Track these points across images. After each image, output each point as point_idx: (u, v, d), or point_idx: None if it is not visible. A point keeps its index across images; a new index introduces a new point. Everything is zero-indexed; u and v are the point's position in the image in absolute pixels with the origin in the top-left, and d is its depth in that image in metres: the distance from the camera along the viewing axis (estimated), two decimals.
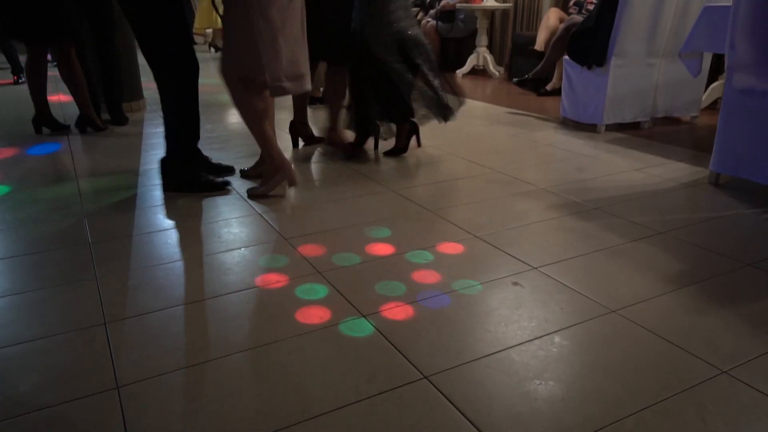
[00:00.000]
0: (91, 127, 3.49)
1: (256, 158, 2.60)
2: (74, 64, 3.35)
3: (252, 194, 2.33)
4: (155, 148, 3.11)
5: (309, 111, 3.26)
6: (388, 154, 2.92)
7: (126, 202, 2.30)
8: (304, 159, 2.94)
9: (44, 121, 3.46)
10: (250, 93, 2.19)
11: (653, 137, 3.29)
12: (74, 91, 3.42)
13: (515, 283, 1.61)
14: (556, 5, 5.28)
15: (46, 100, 3.44)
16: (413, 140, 2.98)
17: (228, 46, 2.16)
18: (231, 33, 2.12)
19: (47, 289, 1.60)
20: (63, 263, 1.76)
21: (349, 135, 3.01)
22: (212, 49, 8.11)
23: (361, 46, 2.68)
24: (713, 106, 3.91)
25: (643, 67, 3.36)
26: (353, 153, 2.90)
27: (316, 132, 3.18)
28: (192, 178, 2.38)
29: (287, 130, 3.12)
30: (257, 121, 2.25)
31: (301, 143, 3.14)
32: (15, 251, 1.85)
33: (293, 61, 2.15)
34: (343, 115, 2.97)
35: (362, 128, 2.92)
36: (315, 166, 2.82)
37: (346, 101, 2.95)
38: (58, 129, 3.49)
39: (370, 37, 2.66)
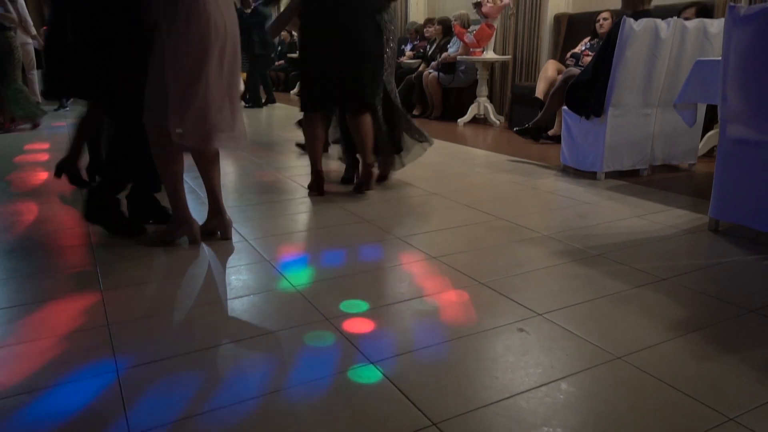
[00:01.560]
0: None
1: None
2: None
3: (152, 239, 2.39)
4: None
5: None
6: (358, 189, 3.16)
7: (137, 248, 2.34)
8: (313, 204, 2.99)
9: (69, 169, 3.48)
10: (169, 150, 2.20)
11: (653, 184, 3.36)
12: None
13: (521, 330, 1.63)
14: (553, 57, 5.47)
15: (80, 152, 3.48)
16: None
17: (146, 94, 2.17)
18: (149, 80, 2.14)
19: (60, 335, 1.62)
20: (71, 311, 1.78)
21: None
22: None
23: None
24: (710, 154, 3.99)
25: (640, 117, 3.46)
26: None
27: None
28: (111, 216, 2.47)
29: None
30: (172, 180, 2.28)
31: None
32: (20, 300, 1.88)
33: (205, 115, 2.13)
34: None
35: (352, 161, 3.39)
36: (321, 212, 2.87)
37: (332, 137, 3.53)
38: (79, 183, 3.50)
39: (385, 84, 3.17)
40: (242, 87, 8.28)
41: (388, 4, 3.09)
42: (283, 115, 7.25)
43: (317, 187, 3.14)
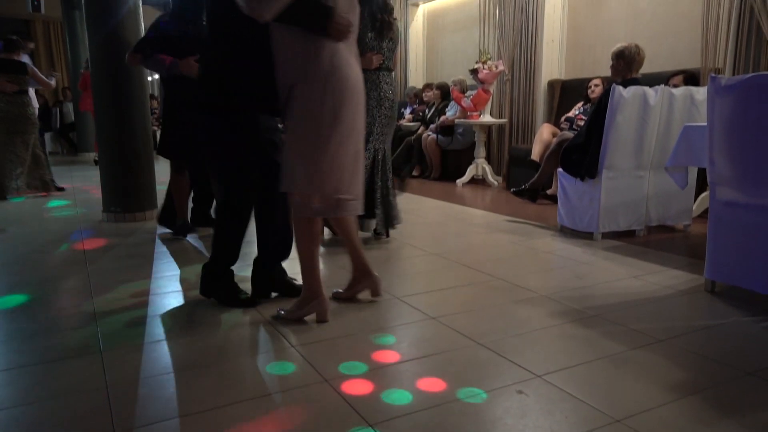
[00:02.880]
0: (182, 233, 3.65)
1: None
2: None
3: (281, 317, 2.24)
4: (166, 256, 3.22)
5: None
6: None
7: (138, 310, 2.36)
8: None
9: (187, 226, 3.67)
10: (308, 218, 2.14)
11: (649, 245, 3.40)
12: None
13: (519, 392, 1.63)
14: (548, 121, 5.64)
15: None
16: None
17: (286, 162, 2.09)
18: (288, 147, 2.09)
19: (59, 398, 1.62)
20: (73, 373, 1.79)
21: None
22: None
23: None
24: (704, 215, 4.05)
25: (633, 179, 3.55)
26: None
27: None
28: (227, 291, 2.39)
29: None
30: (307, 244, 2.17)
31: None
32: (27, 361, 1.89)
33: (341, 179, 2.08)
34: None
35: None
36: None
37: None
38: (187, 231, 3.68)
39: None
40: None
41: None
42: None
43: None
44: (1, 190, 5.25)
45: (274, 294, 2.46)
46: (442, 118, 6.50)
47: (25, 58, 5.51)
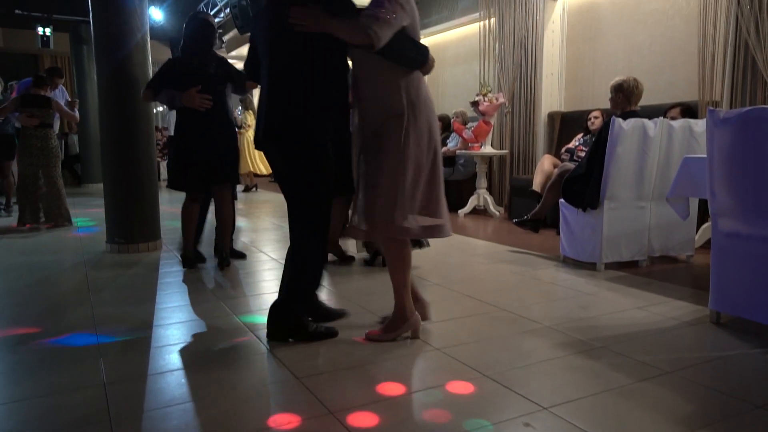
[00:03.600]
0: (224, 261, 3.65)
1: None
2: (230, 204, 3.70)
3: (371, 338, 2.30)
4: (170, 287, 3.23)
5: None
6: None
7: (142, 342, 2.35)
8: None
9: (195, 257, 3.71)
10: (403, 242, 2.24)
11: (652, 275, 3.40)
12: (226, 229, 3.69)
13: (527, 425, 1.61)
14: (549, 152, 5.70)
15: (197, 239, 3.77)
16: None
17: (374, 193, 2.16)
18: (391, 178, 2.13)
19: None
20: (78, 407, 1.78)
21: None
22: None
23: None
24: (707, 246, 4.06)
25: (635, 209, 3.57)
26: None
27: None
28: (301, 328, 2.29)
29: None
30: (403, 273, 2.27)
31: None
32: (29, 394, 1.88)
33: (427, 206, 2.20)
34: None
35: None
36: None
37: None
38: (200, 262, 3.74)
39: None
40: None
41: None
42: None
43: None
44: (21, 219, 5.33)
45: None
46: (444, 149, 6.57)
47: (59, 92, 5.60)
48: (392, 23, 2.05)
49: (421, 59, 2.20)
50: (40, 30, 9.80)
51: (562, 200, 3.75)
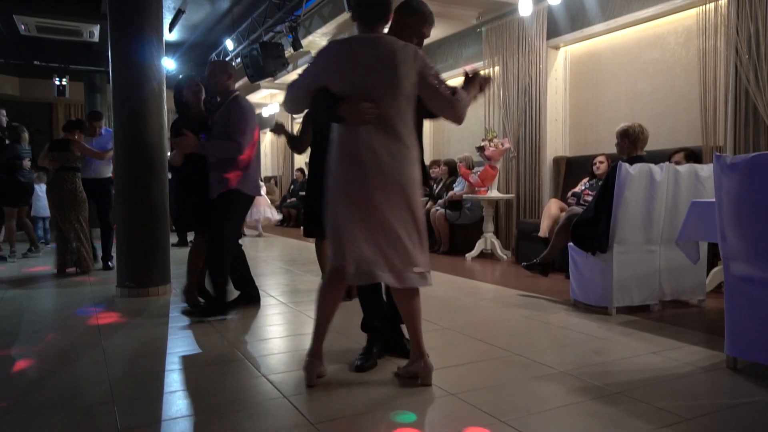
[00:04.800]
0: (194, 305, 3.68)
1: None
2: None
3: (397, 373, 2.39)
4: (180, 332, 3.22)
5: None
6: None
7: (154, 387, 2.33)
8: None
9: (195, 297, 3.73)
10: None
11: (664, 320, 3.37)
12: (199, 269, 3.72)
13: None
14: (554, 196, 5.76)
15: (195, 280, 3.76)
16: None
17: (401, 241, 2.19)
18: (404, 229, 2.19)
19: None
20: None
21: None
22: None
23: None
24: (718, 290, 4.04)
25: (644, 253, 3.58)
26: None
27: None
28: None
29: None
30: (415, 318, 2.29)
31: None
32: None
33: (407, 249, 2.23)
34: None
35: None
36: (337, 347, 2.87)
37: None
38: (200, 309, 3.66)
39: None
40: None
41: None
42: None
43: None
44: (61, 267, 5.33)
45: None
46: (450, 193, 6.64)
47: (106, 135, 5.62)
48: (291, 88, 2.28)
49: (329, 113, 2.20)
50: (56, 80, 10.08)
51: (571, 244, 3.77)
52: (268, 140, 13.57)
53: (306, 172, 9.80)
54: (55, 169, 5.33)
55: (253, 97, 11.03)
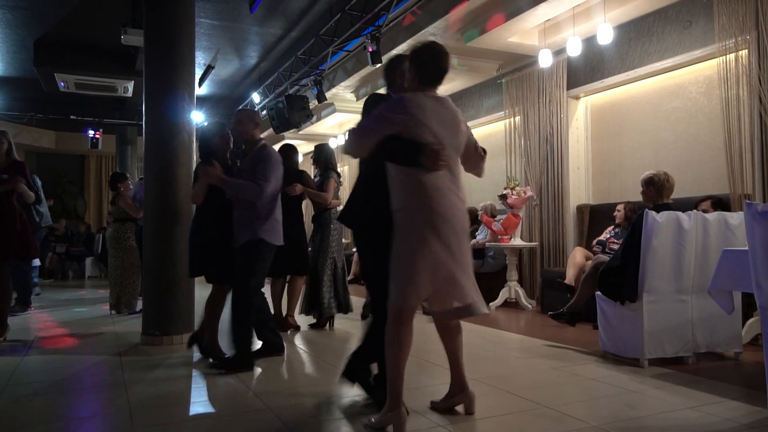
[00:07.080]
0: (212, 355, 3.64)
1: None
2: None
3: (368, 425, 2.38)
4: (204, 380, 3.20)
5: None
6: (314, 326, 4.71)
7: None
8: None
9: (203, 342, 3.71)
10: (404, 323, 2.32)
11: (700, 373, 3.24)
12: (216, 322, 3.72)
13: None
14: (579, 244, 5.69)
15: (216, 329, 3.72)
16: None
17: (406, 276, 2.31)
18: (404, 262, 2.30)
19: None
20: None
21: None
22: None
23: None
24: (755, 342, 3.89)
25: (676, 303, 3.48)
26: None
27: None
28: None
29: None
30: (399, 354, 2.30)
31: None
32: None
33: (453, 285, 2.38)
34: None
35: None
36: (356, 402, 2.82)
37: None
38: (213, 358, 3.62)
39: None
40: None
41: None
42: None
43: None
44: (128, 305, 5.88)
45: None
46: (473, 241, 6.61)
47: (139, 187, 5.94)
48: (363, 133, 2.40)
49: (409, 159, 2.33)
50: (90, 133, 10.50)
51: (598, 293, 3.70)
52: None
53: None
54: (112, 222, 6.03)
55: (277, 147, 11.28)
